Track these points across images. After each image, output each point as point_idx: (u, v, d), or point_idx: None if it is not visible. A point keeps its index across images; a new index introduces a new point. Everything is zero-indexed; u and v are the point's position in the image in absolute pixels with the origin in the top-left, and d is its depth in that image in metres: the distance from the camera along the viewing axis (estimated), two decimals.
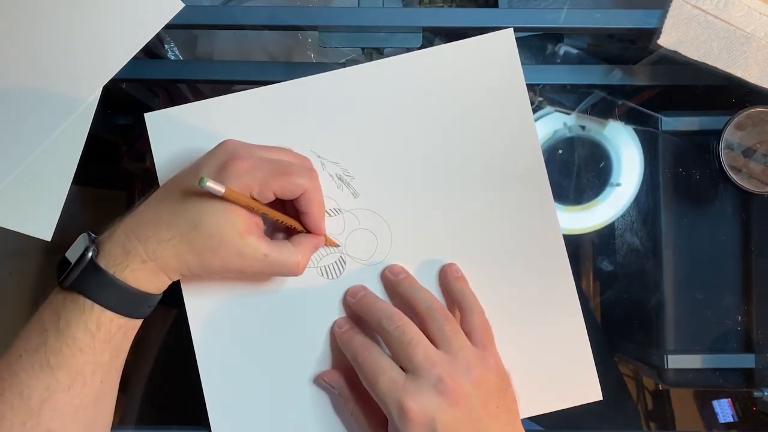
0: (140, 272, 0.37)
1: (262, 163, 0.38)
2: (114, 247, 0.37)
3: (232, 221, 0.37)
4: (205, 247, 0.37)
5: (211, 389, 0.43)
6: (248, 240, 0.38)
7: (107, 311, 0.37)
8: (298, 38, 0.61)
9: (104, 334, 0.37)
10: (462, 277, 0.43)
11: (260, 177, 0.37)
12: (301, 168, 0.40)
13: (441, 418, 0.35)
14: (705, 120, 0.51)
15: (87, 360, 0.37)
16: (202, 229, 0.37)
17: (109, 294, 0.37)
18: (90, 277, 0.37)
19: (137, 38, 0.46)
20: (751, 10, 0.46)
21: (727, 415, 0.55)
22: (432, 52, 0.44)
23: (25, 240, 0.46)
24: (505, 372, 0.40)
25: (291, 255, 0.39)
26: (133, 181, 0.61)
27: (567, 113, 0.56)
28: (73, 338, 0.36)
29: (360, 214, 0.44)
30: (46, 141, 0.46)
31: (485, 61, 0.44)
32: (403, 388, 0.36)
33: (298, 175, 0.38)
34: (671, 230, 0.52)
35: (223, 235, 0.37)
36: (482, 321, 0.41)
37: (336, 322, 0.43)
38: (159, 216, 0.38)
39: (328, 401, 0.44)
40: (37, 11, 0.46)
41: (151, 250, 0.37)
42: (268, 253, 0.38)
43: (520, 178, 0.44)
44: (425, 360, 0.37)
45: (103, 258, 0.37)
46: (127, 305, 0.38)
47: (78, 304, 0.37)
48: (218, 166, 0.38)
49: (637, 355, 0.56)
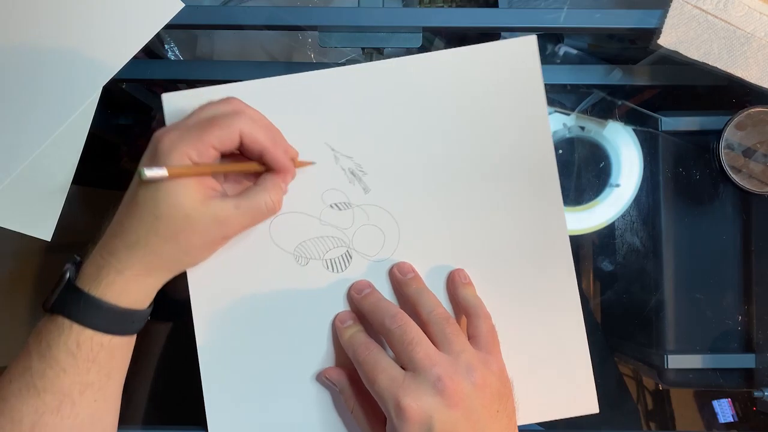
0: (117, 285, 0.37)
1: (188, 128, 0.38)
2: (88, 266, 0.38)
3: (188, 194, 0.37)
4: (177, 231, 0.37)
5: (211, 384, 0.43)
6: (213, 203, 0.38)
7: (86, 329, 0.37)
8: (298, 38, 0.61)
9: (85, 352, 0.37)
10: (470, 283, 0.43)
11: (191, 140, 0.37)
12: (226, 113, 0.38)
13: (438, 417, 0.35)
14: (705, 120, 0.51)
15: (72, 381, 0.37)
16: (165, 216, 0.37)
17: (85, 312, 0.37)
18: (68, 298, 0.37)
19: (137, 38, 0.46)
20: (751, 10, 0.46)
21: (727, 415, 0.55)
22: (453, 53, 0.44)
23: (25, 240, 0.46)
24: (508, 378, 0.40)
25: (260, 196, 0.39)
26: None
27: (567, 113, 0.56)
28: (56, 359, 0.37)
29: (369, 210, 0.44)
30: (46, 141, 0.46)
31: (506, 65, 0.44)
32: (402, 385, 0.36)
33: (224, 119, 0.38)
34: (671, 230, 0.52)
35: (188, 211, 0.37)
36: (489, 326, 0.41)
37: (337, 316, 0.43)
38: (120, 224, 0.38)
39: (329, 398, 0.44)
40: (37, 11, 0.46)
41: (123, 258, 0.37)
42: (238, 204, 0.38)
43: (532, 184, 0.44)
44: (425, 359, 0.37)
45: (80, 278, 0.38)
46: (106, 322, 0.38)
47: (57, 325, 0.37)
48: (151, 154, 0.38)
49: (637, 355, 0.56)
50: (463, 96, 0.44)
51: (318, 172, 0.43)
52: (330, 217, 0.44)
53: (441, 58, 0.44)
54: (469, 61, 0.44)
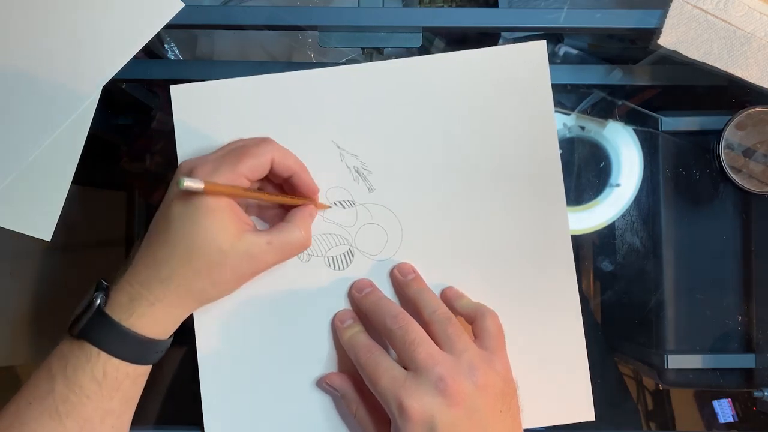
0: (148, 317, 0.38)
1: (219, 159, 0.39)
2: (119, 294, 0.38)
3: (223, 227, 0.37)
4: (210, 264, 0.38)
5: (209, 386, 0.43)
6: (246, 237, 0.38)
7: (113, 359, 0.37)
8: (298, 38, 0.61)
9: (111, 381, 0.37)
10: (464, 295, 0.43)
11: (224, 171, 0.38)
12: (256, 143, 0.40)
13: (440, 417, 0.35)
14: (705, 120, 0.51)
15: (95, 407, 0.37)
16: (199, 249, 0.37)
17: (114, 341, 0.37)
18: (97, 325, 0.37)
19: (137, 38, 0.46)
20: (751, 10, 0.46)
21: (727, 415, 0.55)
22: (462, 56, 0.44)
23: (25, 240, 0.46)
24: (513, 379, 0.39)
25: (292, 231, 0.40)
26: (133, 181, 0.61)
27: (567, 113, 0.56)
28: (81, 386, 0.37)
29: (373, 209, 0.44)
30: (46, 141, 0.45)
31: (515, 69, 0.44)
32: (403, 385, 0.36)
33: (255, 148, 0.39)
34: (671, 230, 0.52)
35: (222, 245, 0.37)
36: (495, 324, 0.41)
37: (337, 315, 0.43)
38: (153, 255, 0.38)
39: (330, 402, 0.43)
40: (36, 11, 0.46)
41: (157, 291, 0.38)
42: (270, 239, 0.39)
43: (537, 187, 0.44)
44: (427, 359, 0.37)
45: (110, 306, 0.38)
46: (134, 352, 0.38)
47: (84, 351, 0.37)
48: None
49: (637, 355, 0.56)
50: (471, 98, 0.44)
51: (323, 170, 0.43)
52: (333, 214, 0.44)
53: (450, 59, 0.44)
54: (477, 64, 0.44)
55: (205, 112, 0.44)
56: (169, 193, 0.39)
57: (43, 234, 0.46)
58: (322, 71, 0.44)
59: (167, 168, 0.59)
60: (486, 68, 0.44)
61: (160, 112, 0.58)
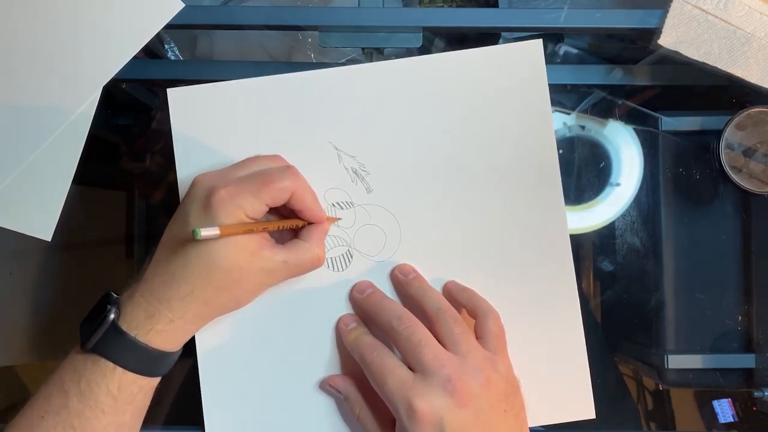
0: (167, 333, 0.38)
1: (242, 183, 0.38)
2: (135, 309, 0.38)
3: (242, 246, 0.38)
4: (229, 282, 0.38)
5: (209, 386, 0.43)
6: (264, 255, 0.38)
7: (129, 373, 0.37)
8: (298, 38, 0.61)
9: (126, 395, 0.37)
10: (467, 287, 0.43)
11: (246, 197, 0.38)
12: (280, 170, 0.40)
13: (449, 418, 0.36)
14: (705, 120, 0.51)
15: (110, 421, 0.37)
16: (219, 268, 0.37)
17: (131, 356, 0.37)
18: (112, 340, 0.37)
19: (137, 38, 0.46)
20: (751, 10, 0.46)
21: (727, 415, 0.55)
22: (458, 55, 0.44)
23: (25, 240, 0.46)
24: (515, 379, 0.40)
25: (307, 251, 0.40)
26: (133, 181, 0.61)
27: (567, 113, 0.56)
28: (96, 401, 0.36)
29: (371, 210, 0.44)
30: (47, 141, 0.45)
31: (512, 68, 0.44)
32: (412, 388, 0.36)
33: (280, 179, 0.39)
34: (671, 230, 0.52)
35: (241, 263, 0.38)
36: (498, 326, 0.41)
37: (341, 318, 0.43)
38: (171, 273, 0.38)
39: (332, 405, 0.43)
40: (36, 11, 0.46)
41: (177, 308, 0.38)
42: (286, 258, 0.39)
43: (535, 187, 0.44)
44: (434, 360, 0.37)
45: (125, 321, 0.37)
46: (149, 366, 0.38)
47: (99, 366, 0.37)
48: (202, 206, 0.38)
49: (637, 355, 0.56)
50: (468, 98, 0.44)
51: (321, 171, 0.43)
52: (332, 215, 0.44)
53: (447, 59, 0.44)
54: (474, 64, 0.44)
55: (203, 114, 0.43)
56: (185, 213, 0.39)
57: (43, 234, 0.46)
58: (318, 73, 0.44)
59: (167, 168, 0.59)
60: (483, 68, 0.44)
61: (160, 112, 0.58)
